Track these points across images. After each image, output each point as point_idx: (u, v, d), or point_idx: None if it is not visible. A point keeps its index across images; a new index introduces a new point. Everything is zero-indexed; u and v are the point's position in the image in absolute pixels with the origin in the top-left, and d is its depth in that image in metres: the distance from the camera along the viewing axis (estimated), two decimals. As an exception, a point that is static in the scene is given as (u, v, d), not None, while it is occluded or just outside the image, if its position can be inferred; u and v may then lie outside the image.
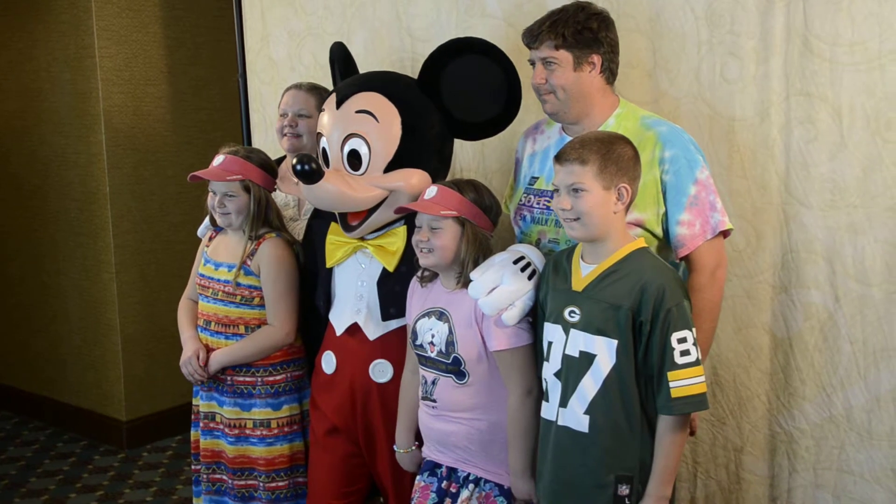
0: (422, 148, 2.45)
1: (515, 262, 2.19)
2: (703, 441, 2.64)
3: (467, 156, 2.99)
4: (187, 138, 4.42)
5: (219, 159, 2.64)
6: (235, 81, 3.62)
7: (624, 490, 2.02)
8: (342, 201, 2.39)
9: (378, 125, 2.40)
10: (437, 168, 2.49)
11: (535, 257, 2.24)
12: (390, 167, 2.41)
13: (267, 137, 3.47)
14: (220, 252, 2.72)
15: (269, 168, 2.67)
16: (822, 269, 2.40)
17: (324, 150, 2.49)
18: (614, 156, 2.01)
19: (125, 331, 4.31)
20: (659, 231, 2.25)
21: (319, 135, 2.51)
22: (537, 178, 2.42)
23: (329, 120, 2.48)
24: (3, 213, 4.78)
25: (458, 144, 3.01)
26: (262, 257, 2.64)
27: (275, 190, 2.71)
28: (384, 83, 2.50)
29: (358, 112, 2.41)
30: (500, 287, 2.15)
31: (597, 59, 2.27)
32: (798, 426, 2.50)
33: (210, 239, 2.78)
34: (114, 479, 4.07)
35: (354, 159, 2.42)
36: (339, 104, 2.46)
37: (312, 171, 2.30)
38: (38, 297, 4.69)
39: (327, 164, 2.48)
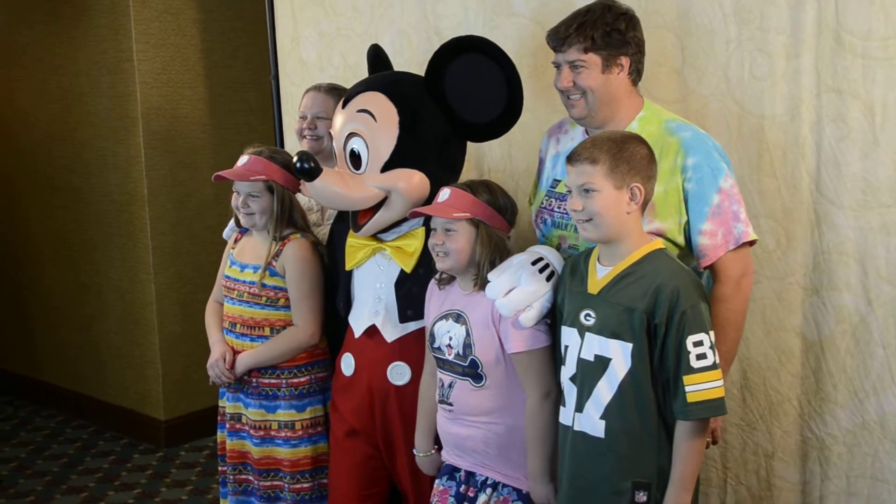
0: (420, 149, 2.43)
1: (534, 264, 2.16)
2: (733, 446, 2.59)
3: (495, 156, 2.97)
4: (223, 140, 4.45)
5: (243, 160, 2.65)
6: (270, 83, 3.64)
7: (641, 497, 1.98)
8: (337, 199, 2.43)
9: (375, 124, 2.40)
10: (438, 170, 2.46)
11: (554, 259, 2.21)
12: (387, 167, 2.41)
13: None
14: (245, 253, 2.73)
15: (292, 168, 2.67)
16: (854, 271, 2.34)
17: (333, 152, 2.52)
18: (626, 154, 1.97)
19: (163, 331, 4.36)
20: (681, 240, 2.19)
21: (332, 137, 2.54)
22: (559, 181, 2.38)
23: (336, 119, 2.50)
24: (45, 214, 4.86)
25: (487, 145, 2.99)
26: (286, 258, 2.64)
27: (299, 191, 2.71)
28: (389, 83, 2.49)
29: (358, 111, 2.42)
30: (518, 288, 2.13)
31: (625, 60, 2.22)
32: (830, 432, 2.44)
33: (235, 241, 2.79)
34: (151, 478, 4.12)
35: (355, 158, 2.43)
36: (344, 104, 2.48)
37: (310, 169, 2.34)
38: (79, 297, 4.77)
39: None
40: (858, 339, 2.35)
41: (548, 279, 2.15)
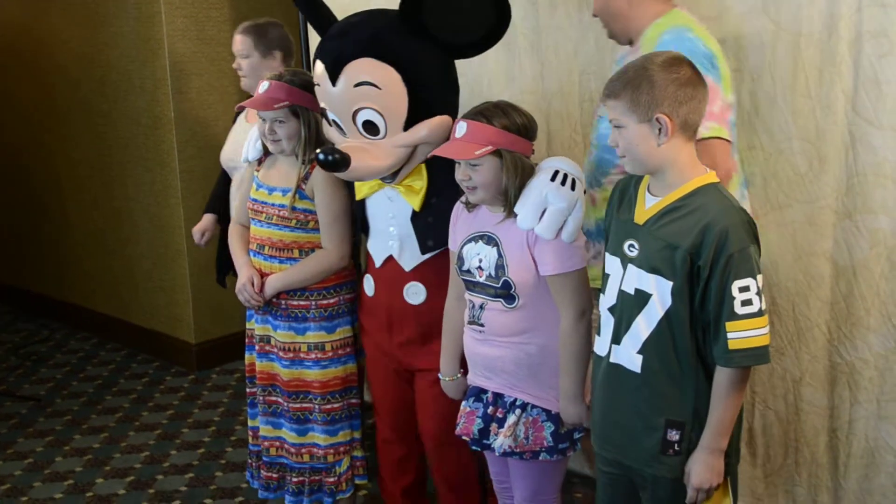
0: (431, 93, 2.38)
1: (552, 180, 2.14)
2: (761, 371, 2.58)
3: (527, 78, 2.92)
4: (250, 63, 4.40)
5: (263, 86, 2.61)
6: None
7: (674, 435, 1.93)
8: (374, 174, 2.39)
9: (381, 92, 2.31)
10: (448, 97, 2.43)
11: (570, 167, 2.17)
12: (408, 124, 2.35)
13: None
14: (272, 177, 2.71)
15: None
16: (892, 193, 2.29)
17: (334, 121, 2.44)
18: (645, 84, 1.83)
19: (192, 255, 4.37)
20: None
21: (324, 109, 2.46)
22: None
23: (330, 96, 2.40)
24: (77, 138, 4.87)
25: (518, 69, 2.93)
26: (315, 181, 2.62)
27: (323, 110, 2.68)
28: (371, 43, 2.33)
29: (357, 85, 2.33)
30: (549, 209, 2.11)
31: None
32: (861, 356, 2.41)
33: (259, 163, 2.78)
34: (184, 400, 4.19)
35: (370, 127, 2.36)
36: (333, 80, 2.36)
37: (337, 161, 2.29)
38: (113, 222, 4.80)
39: (342, 133, 2.43)
40: (893, 262, 2.31)
41: (572, 188, 2.13)
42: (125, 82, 4.46)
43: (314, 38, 3.52)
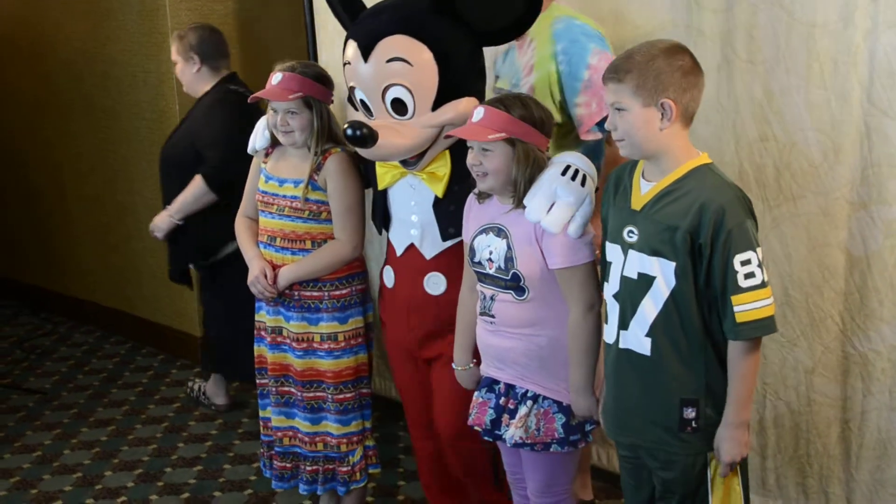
0: (461, 75, 2.39)
1: (563, 174, 2.14)
2: (773, 362, 2.58)
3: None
4: (254, 55, 4.38)
5: (276, 77, 2.61)
6: (301, -4, 3.58)
7: (690, 413, 1.96)
8: (400, 153, 2.40)
9: (413, 69, 2.33)
10: (475, 83, 2.46)
11: (580, 162, 2.18)
12: (437, 103, 2.37)
13: (333, 55, 3.43)
14: (281, 169, 2.71)
15: (326, 81, 2.65)
16: (906, 184, 2.29)
17: (362, 101, 2.45)
18: (653, 69, 1.86)
19: (197, 249, 4.36)
20: (559, 117, 2.42)
21: (352, 87, 2.46)
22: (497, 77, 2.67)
23: (361, 73, 2.41)
24: (79, 133, 4.85)
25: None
26: (328, 172, 2.63)
27: (332, 102, 2.68)
28: (404, 22, 2.37)
29: (389, 61, 2.34)
30: (557, 203, 2.12)
31: None
32: (874, 347, 2.41)
33: (267, 154, 2.77)
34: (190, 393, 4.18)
35: (399, 105, 2.38)
36: (365, 56, 2.38)
37: (365, 136, 2.30)
38: (116, 215, 4.78)
39: (369, 113, 2.45)
40: (908, 253, 2.31)
41: (582, 184, 2.14)
42: (128, 77, 4.44)
43: (318, 37, 3.53)
